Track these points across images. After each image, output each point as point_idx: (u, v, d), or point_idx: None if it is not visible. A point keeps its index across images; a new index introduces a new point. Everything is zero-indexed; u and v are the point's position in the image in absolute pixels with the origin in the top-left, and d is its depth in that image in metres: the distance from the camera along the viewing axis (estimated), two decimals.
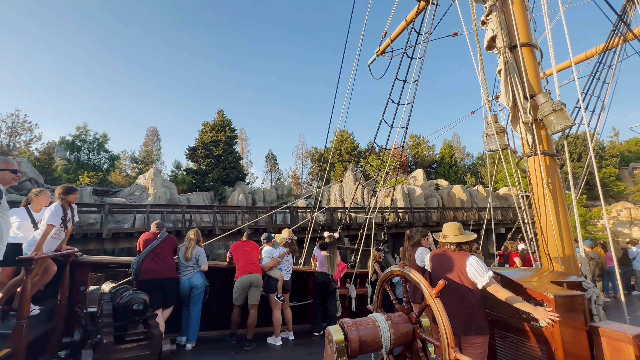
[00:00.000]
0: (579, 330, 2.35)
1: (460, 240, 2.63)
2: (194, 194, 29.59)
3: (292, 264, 5.08)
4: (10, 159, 3.05)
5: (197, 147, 36.06)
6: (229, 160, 35.47)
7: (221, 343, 4.44)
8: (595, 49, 6.79)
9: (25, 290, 3.06)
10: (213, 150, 35.15)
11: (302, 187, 49.84)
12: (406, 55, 5.86)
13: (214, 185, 33.56)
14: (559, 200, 3.19)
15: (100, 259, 5.17)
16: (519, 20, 3.59)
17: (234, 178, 35.49)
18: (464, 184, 37.93)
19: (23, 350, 2.96)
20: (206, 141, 35.69)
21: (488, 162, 5.53)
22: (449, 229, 2.74)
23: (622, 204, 27.37)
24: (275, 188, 37.17)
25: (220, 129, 36.58)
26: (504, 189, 35.56)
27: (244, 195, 30.89)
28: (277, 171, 53.11)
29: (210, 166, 34.79)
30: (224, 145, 35.62)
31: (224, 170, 34.71)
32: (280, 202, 33.82)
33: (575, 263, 3.11)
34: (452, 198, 30.31)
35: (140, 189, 26.90)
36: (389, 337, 1.95)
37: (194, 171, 35.51)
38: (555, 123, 3.10)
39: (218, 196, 32.98)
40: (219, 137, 35.76)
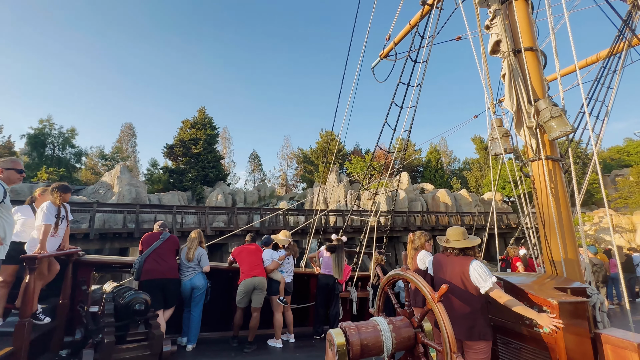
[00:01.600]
0: (583, 337, 2.33)
1: (464, 245, 2.62)
2: (168, 193, 28.46)
3: (293, 266, 5.07)
4: (17, 159, 3.08)
5: (175, 145, 34.59)
6: (209, 159, 34.08)
7: (222, 344, 4.43)
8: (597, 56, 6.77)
9: (28, 289, 3.08)
10: (192, 149, 33.80)
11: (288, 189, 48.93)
12: (410, 59, 5.87)
13: (192, 185, 32.29)
14: (563, 205, 3.17)
15: (103, 259, 5.19)
16: (523, 25, 3.59)
17: (213, 178, 34.18)
18: (449, 188, 37.78)
19: (25, 348, 2.97)
20: (185, 139, 34.28)
21: (491, 166, 5.51)
22: (452, 233, 2.73)
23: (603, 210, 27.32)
24: (258, 189, 36.31)
25: (201, 126, 35.17)
26: (489, 193, 35.45)
27: (224, 196, 29.94)
28: (261, 172, 52.04)
29: (189, 165, 33.56)
30: (204, 144, 34.16)
31: (203, 170, 33.38)
32: (263, 203, 33.16)
33: (579, 269, 3.09)
34: (437, 202, 30.21)
35: (105, 187, 25.65)
36: (390, 341, 1.93)
37: (171, 170, 34.09)
38: (555, 129, 3.09)
39: (196, 196, 31.84)
40: (198, 135, 34.33)
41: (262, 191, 35.82)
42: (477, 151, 47.13)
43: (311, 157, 43.58)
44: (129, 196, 23.64)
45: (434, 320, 1.98)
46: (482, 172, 44.35)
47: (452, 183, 44.04)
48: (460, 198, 31.73)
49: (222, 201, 29.18)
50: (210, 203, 28.93)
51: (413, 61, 5.84)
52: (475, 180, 44.08)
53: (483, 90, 3.77)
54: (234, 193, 32.58)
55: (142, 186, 26.48)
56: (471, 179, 44.76)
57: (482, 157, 46.54)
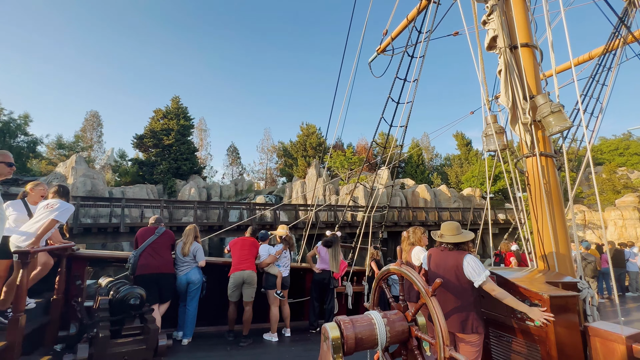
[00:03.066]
0: (573, 330, 2.37)
1: (458, 240, 2.65)
2: (135, 186, 26.86)
3: (290, 260, 5.09)
4: (6, 152, 3.03)
5: (145, 136, 32.56)
6: (182, 151, 32.46)
7: (217, 339, 4.46)
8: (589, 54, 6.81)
9: (21, 284, 3.06)
10: (163, 140, 31.93)
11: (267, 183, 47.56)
12: (407, 54, 5.85)
13: (163, 178, 30.69)
14: (556, 201, 3.21)
15: (97, 254, 5.16)
16: (519, 21, 3.58)
17: (187, 171, 32.72)
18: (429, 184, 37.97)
19: (19, 343, 2.96)
20: (156, 129, 32.38)
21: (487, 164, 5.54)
22: (446, 228, 2.76)
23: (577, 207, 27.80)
24: (235, 183, 35.10)
25: (174, 116, 33.36)
26: (467, 189, 35.84)
27: (197, 190, 28.76)
28: (239, 165, 49.79)
29: (160, 157, 31.73)
30: (177, 135, 32.41)
31: (175, 162, 31.82)
32: (239, 198, 32.26)
33: (570, 264, 3.14)
34: (416, 197, 30.06)
35: (59, 178, 23.22)
36: (384, 334, 1.96)
37: (140, 162, 32.33)
38: (554, 124, 3.11)
39: (167, 190, 30.44)
40: (171, 126, 32.57)
41: (239, 185, 34.60)
42: (459, 147, 47.34)
43: (291, 151, 42.27)
44: (83, 188, 21.98)
45: (428, 314, 2.01)
46: (462, 168, 44.72)
47: (432, 179, 44.23)
48: (440, 194, 31.80)
49: (196, 195, 28.00)
50: (182, 197, 27.82)
51: (410, 56, 5.83)
52: (455, 176, 44.47)
53: (479, 86, 3.78)
54: (208, 187, 31.35)
55: (100, 178, 24.82)
56: (451, 175, 45.11)
57: (464, 153, 46.85)
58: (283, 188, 34.49)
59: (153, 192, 27.51)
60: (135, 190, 25.94)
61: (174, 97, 35.59)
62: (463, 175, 41.77)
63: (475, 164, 41.38)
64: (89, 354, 3.05)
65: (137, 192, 25.74)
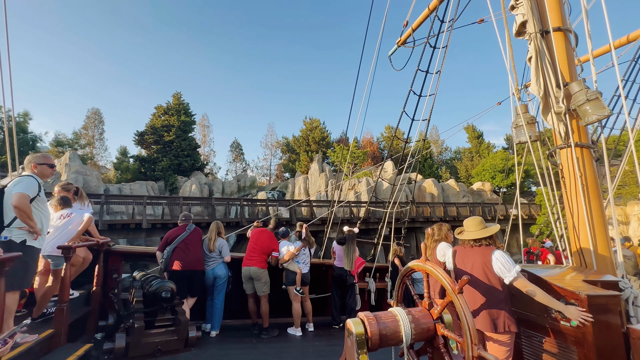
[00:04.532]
0: (614, 332, 2.23)
1: (481, 235, 2.53)
2: (136, 183, 26.36)
3: (310, 257, 5.12)
4: (48, 154, 3.27)
5: (146, 132, 32.28)
6: (183, 147, 32.08)
7: (244, 332, 4.59)
8: (627, 37, 6.23)
9: (65, 277, 3.30)
10: (164, 136, 31.65)
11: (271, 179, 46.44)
12: (429, 45, 5.67)
13: (165, 175, 30.22)
14: (594, 195, 3.00)
15: (132, 249, 5.47)
16: (551, 3, 3.36)
17: (188, 167, 32.20)
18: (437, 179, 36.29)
19: (65, 331, 3.20)
20: (157, 126, 32.13)
21: (516, 155, 5.26)
22: (470, 223, 2.65)
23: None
24: (238, 179, 34.28)
25: (175, 112, 33.03)
26: (477, 183, 34.10)
27: (199, 186, 28.21)
28: (243, 161, 48.80)
29: (161, 153, 31.29)
30: (177, 131, 32.09)
31: (176, 158, 31.46)
32: (242, 194, 31.54)
33: (610, 261, 2.93)
34: (423, 192, 28.51)
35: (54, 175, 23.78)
36: (409, 331, 1.93)
37: (141, 158, 31.94)
38: (590, 113, 2.90)
39: (169, 186, 29.99)
40: (172, 122, 32.27)
41: (242, 181, 33.89)
42: (470, 140, 45.20)
43: (293, 146, 41.37)
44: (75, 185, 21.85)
45: (456, 311, 1.96)
46: (472, 161, 42.79)
47: (441, 173, 42.46)
48: (448, 188, 30.22)
49: (197, 191, 27.46)
50: (183, 193, 27.09)
51: (432, 47, 5.65)
52: (465, 170, 42.59)
53: (507, 75, 3.59)
54: (210, 183, 30.87)
55: (94, 175, 24.51)
56: (461, 168, 43.25)
57: (474, 146, 44.66)
58: (286, 184, 33.88)
59: (153, 189, 27.09)
60: (135, 187, 25.44)
61: (175, 93, 35.20)
62: (473, 169, 39.91)
63: (487, 157, 39.51)
64: (126, 343, 3.25)
65: (136, 189, 25.30)
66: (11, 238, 2.70)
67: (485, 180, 35.24)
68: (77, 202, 4.15)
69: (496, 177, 35.13)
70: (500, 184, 35.00)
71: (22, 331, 2.88)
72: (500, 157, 36.64)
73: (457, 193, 29.99)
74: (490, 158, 37.72)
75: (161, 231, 15.56)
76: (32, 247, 2.81)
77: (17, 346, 2.70)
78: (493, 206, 26.53)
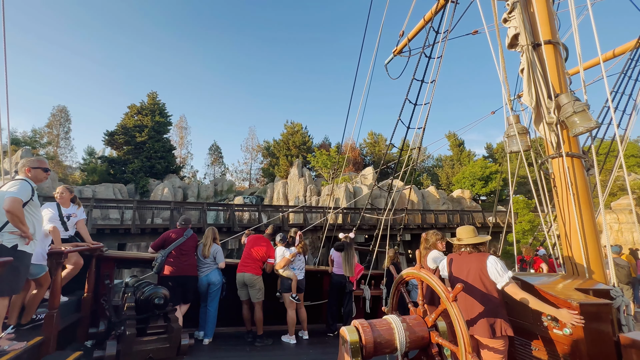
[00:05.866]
0: (606, 340, 2.25)
1: (476, 241, 2.61)
2: (101, 185, 24.91)
3: (305, 263, 5.10)
4: (42, 158, 3.25)
5: (116, 132, 30.79)
6: (156, 148, 30.53)
7: (237, 339, 4.53)
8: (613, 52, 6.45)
9: (55, 282, 3.25)
10: (136, 136, 30.09)
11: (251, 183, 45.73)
12: (424, 55, 5.78)
13: (135, 177, 28.76)
14: (585, 204, 3.06)
15: (124, 255, 5.40)
16: (542, 17, 3.46)
17: (161, 170, 30.80)
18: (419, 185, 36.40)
19: (54, 338, 3.13)
20: (128, 125, 30.70)
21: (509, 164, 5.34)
22: (463, 232, 2.74)
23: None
24: (215, 183, 33.24)
25: (149, 112, 31.54)
26: (457, 191, 34.59)
27: (172, 190, 27.11)
28: (222, 165, 47.57)
29: (131, 154, 29.80)
30: (151, 132, 30.50)
31: (148, 160, 29.96)
32: (219, 198, 30.74)
33: (602, 270, 2.97)
34: (403, 199, 28.57)
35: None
36: (404, 339, 1.93)
37: (110, 159, 30.55)
38: (578, 124, 2.98)
39: (140, 189, 28.43)
40: (145, 122, 30.79)
41: (219, 185, 32.80)
42: (451, 148, 45.87)
43: (273, 150, 40.74)
44: None
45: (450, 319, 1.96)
46: (453, 169, 43.37)
47: (422, 180, 43.04)
48: (428, 195, 30.49)
49: (169, 195, 26.33)
50: (155, 197, 25.99)
51: (427, 57, 5.75)
52: (446, 177, 43.16)
53: (500, 85, 3.67)
54: (185, 187, 29.84)
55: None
56: (442, 176, 43.78)
57: (456, 153, 45.34)
58: (265, 189, 33.24)
59: (122, 192, 25.80)
60: (100, 189, 23.90)
61: (151, 92, 33.68)
62: (454, 176, 40.53)
63: (467, 165, 40.24)
64: (117, 351, 3.19)
65: (101, 191, 23.75)
66: (2, 242, 2.66)
67: (465, 188, 35.66)
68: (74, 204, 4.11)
69: (476, 184, 35.69)
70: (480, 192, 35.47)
71: (9, 338, 2.81)
72: (480, 165, 37.31)
73: (437, 200, 30.20)
74: (470, 166, 38.30)
75: (123, 236, 15.02)
76: (23, 252, 2.76)
77: (5, 354, 2.64)
78: (471, 214, 26.79)
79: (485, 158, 44.43)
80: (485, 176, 36.09)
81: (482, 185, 35.88)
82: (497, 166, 38.26)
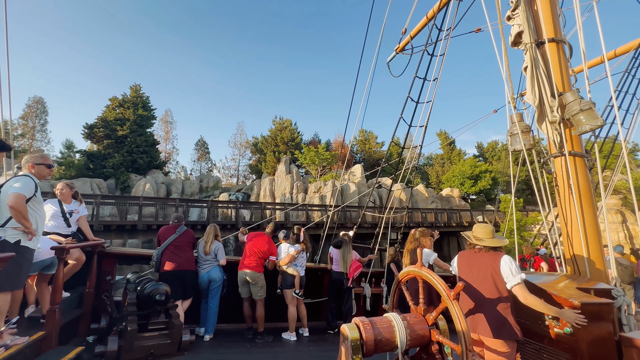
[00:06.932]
0: (607, 340, 2.25)
1: (495, 244, 2.52)
2: (78, 180, 24.13)
3: (306, 260, 5.12)
4: (46, 154, 3.26)
5: (96, 125, 29.72)
6: (139, 143, 29.57)
7: (237, 336, 4.55)
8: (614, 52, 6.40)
9: (57, 278, 3.26)
10: (117, 130, 29.09)
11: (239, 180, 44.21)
12: (427, 52, 5.75)
13: (116, 172, 27.81)
14: (587, 203, 3.05)
15: (125, 251, 5.41)
16: (546, 15, 3.43)
17: (144, 165, 29.78)
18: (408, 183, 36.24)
19: (56, 333, 3.15)
20: (109, 119, 29.66)
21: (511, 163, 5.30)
22: (482, 231, 2.62)
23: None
24: (200, 179, 32.41)
25: (131, 105, 30.50)
26: (446, 190, 34.52)
27: (155, 186, 26.21)
28: (209, 161, 46.35)
29: (112, 148, 28.82)
30: (133, 125, 29.51)
31: (130, 155, 29.01)
32: (204, 195, 29.90)
33: (604, 269, 2.97)
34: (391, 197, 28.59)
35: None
36: (404, 337, 1.93)
37: (89, 154, 29.33)
38: (584, 122, 2.95)
39: (120, 185, 27.46)
40: (127, 115, 29.76)
41: (204, 181, 31.99)
42: (442, 146, 45.52)
43: (261, 146, 39.83)
44: None
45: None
46: (443, 167, 43.25)
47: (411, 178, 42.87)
48: (417, 194, 30.30)
49: (151, 191, 25.48)
50: (136, 193, 24.97)
51: (430, 55, 5.72)
52: (436, 176, 43.03)
53: (502, 84, 3.65)
54: (169, 183, 28.90)
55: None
56: (432, 174, 43.64)
57: (446, 152, 45.21)
58: (251, 186, 32.31)
59: (100, 187, 25.03)
60: (78, 184, 22.68)
61: (134, 85, 32.27)
62: (444, 175, 40.45)
63: (457, 163, 40.25)
64: (118, 346, 3.21)
65: (79, 187, 22.98)
66: (5, 238, 2.67)
67: (454, 187, 35.58)
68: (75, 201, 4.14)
69: (465, 183, 35.63)
70: (469, 191, 35.40)
71: (12, 333, 2.83)
72: (469, 164, 37.25)
73: (426, 199, 30.06)
74: (460, 165, 38.17)
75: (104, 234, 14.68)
76: (26, 247, 2.77)
77: (7, 348, 2.66)
78: (459, 212, 26.69)
79: (476, 157, 44.43)
80: (475, 175, 36.08)
81: (472, 184, 35.90)
82: (487, 165, 38.26)
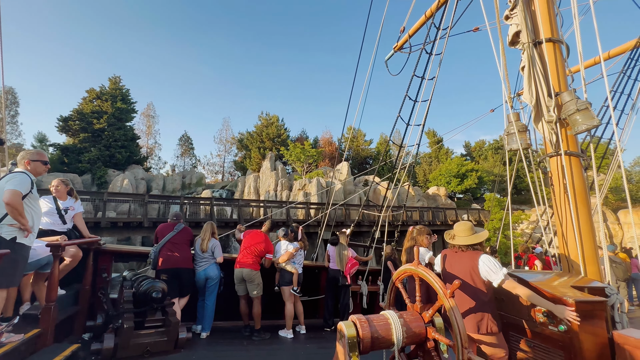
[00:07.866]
0: (600, 337, 2.28)
1: (471, 242, 2.59)
2: (50, 175, 22.21)
3: (303, 258, 5.13)
4: (42, 151, 3.23)
5: (71, 118, 28.41)
6: (117, 137, 28.47)
7: (234, 333, 4.56)
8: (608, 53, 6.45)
9: (53, 275, 3.24)
10: (94, 123, 27.86)
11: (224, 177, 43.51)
12: (425, 51, 5.75)
13: (92, 167, 26.71)
14: (582, 202, 3.08)
15: (122, 248, 5.39)
16: (544, 15, 3.45)
17: (122, 160, 28.73)
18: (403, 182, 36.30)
19: (52, 331, 3.14)
20: (85, 111, 28.40)
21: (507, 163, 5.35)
22: (460, 229, 2.69)
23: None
24: (182, 176, 31.66)
25: (109, 98, 29.36)
26: (433, 188, 34.82)
27: (134, 182, 25.46)
28: (193, 157, 45.34)
29: (88, 142, 27.55)
30: (111, 119, 28.42)
31: (107, 149, 27.87)
32: (186, 192, 29.36)
33: (597, 268, 3.00)
34: (377, 195, 27.70)
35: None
36: (401, 335, 1.95)
37: (63, 148, 27.93)
38: (580, 122, 2.98)
39: (97, 181, 26.56)
40: (104, 108, 28.63)
41: (187, 178, 31.26)
42: (430, 145, 45.92)
43: (246, 142, 39.15)
44: None
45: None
46: (431, 166, 43.54)
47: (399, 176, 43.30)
48: (403, 192, 29.97)
49: (129, 187, 24.70)
50: (113, 189, 24.28)
51: (428, 54, 5.73)
52: (423, 174, 43.33)
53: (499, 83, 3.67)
54: (149, 179, 28.15)
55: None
56: (420, 173, 43.88)
57: (434, 151, 45.59)
58: (236, 182, 31.72)
59: (75, 183, 23.67)
60: (49, 180, 21.53)
61: (113, 76, 31.09)
62: (431, 173, 40.79)
63: (445, 162, 40.53)
64: (114, 344, 3.20)
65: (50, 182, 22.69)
66: (1, 234, 2.65)
67: (440, 185, 35.73)
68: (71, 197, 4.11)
69: (451, 182, 35.82)
70: (455, 189, 35.59)
71: (7, 330, 2.81)
72: (456, 162, 37.52)
73: (412, 197, 30.01)
74: (447, 163, 38.35)
75: None
76: (22, 244, 2.75)
77: (2, 346, 2.64)
78: (444, 211, 26.78)
79: (463, 156, 44.68)
80: (461, 174, 36.26)
81: (458, 182, 36.11)
82: (473, 164, 38.48)
